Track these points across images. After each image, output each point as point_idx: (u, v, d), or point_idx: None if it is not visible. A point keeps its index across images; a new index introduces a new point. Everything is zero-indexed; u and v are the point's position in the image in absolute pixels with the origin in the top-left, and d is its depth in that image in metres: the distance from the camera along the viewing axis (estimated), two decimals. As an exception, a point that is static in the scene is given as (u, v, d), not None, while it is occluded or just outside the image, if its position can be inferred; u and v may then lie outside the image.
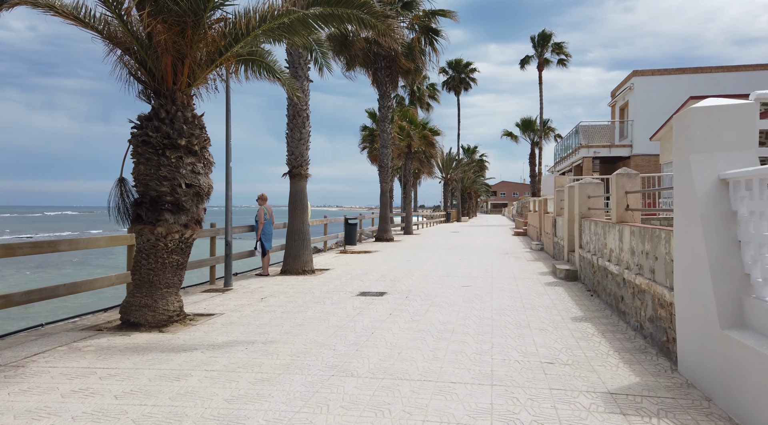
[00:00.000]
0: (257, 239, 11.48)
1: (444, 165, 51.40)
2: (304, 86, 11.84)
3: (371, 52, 22.32)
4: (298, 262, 11.77)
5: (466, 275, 11.43)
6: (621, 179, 7.56)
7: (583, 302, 8.35)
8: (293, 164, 11.91)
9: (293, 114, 11.83)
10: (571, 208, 11.85)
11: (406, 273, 11.82)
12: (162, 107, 6.61)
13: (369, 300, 8.50)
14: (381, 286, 9.97)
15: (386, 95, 22.59)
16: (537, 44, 45.74)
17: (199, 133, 6.82)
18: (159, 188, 6.48)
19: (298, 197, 11.97)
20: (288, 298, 8.71)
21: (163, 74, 6.60)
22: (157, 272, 6.58)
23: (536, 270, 12.38)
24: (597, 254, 8.85)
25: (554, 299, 8.55)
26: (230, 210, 9.81)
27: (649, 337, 5.85)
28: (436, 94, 49.14)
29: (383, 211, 22.95)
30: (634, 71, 26.36)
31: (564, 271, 10.80)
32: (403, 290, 9.53)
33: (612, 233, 7.70)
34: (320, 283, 10.39)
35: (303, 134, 11.88)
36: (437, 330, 6.43)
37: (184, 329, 6.52)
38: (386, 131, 22.78)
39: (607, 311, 7.54)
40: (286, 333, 6.27)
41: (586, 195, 10.49)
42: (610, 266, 7.62)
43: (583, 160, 27.51)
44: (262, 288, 9.74)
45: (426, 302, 8.28)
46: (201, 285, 10.26)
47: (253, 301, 8.46)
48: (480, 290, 9.43)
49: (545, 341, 5.92)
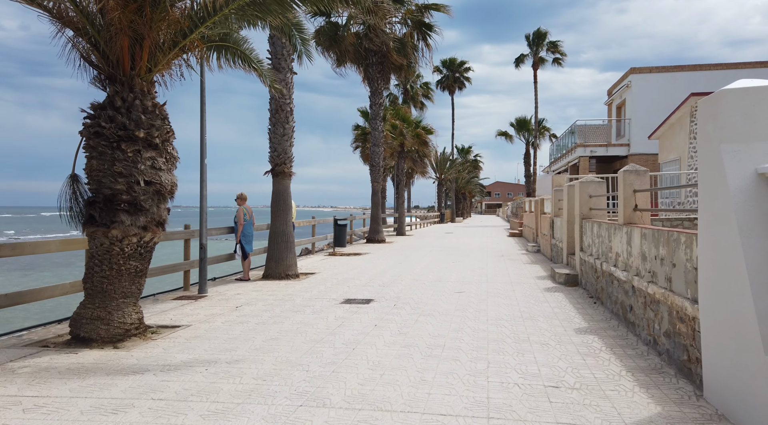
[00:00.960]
0: (237, 241, 10.76)
1: (438, 165, 50.75)
2: (287, 79, 11.13)
3: (362, 48, 21.62)
4: (281, 266, 11.04)
5: (459, 280, 10.75)
6: (629, 176, 6.89)
7: (586, 310, 7.68)
8: (276, 162, 11.19)
9: (275, 108, 11.11)
10: (570, 208, 11.20)
11: (396, 278, 11.12)
12: (117, 95, 5.88)
13: (354, 309, 7.79)
14: (368, 292, 9.27)
15: (378, 92, 21.90)
16: (532, 43, 45.19)
17: (161, 124, 6.09)
18: (113, 185, 5.75)
19: (281, 197, 11.25)
20: (265, 306, 7.99)
21: (118, 58, 5.87)
22: (112, 280, 5.85)
23: (534, 274, 11.71)
24: (601, 258, 8.19)
25: (555, 307, 7.88)
26: (205, 211, 9.08)
27: (665, 354, 5.18)
28: (429, 93, 48.57)
29: (374, 211, 22.25)
30: (631, 69, 25.80)
31: (564, 275, 10.14)
32: (391, 296, 8.84)
33: (618, 236, 7.04)
34: (303, 289, 9.67)
35: (286, 129, 11.16)
36: (426, 345, 5.73)
37: (142, 344, 5.79)
38: (378, 129, 22.08)
39: (613, 322, 6.87)
40: (256, 350, 5.55)
41: (587, 195, 9.83)
42: (617, 271, 6.96)
43: (579, 159, 26.91)
44: (239, 295, 9.01)
45: (415, 311, 7.58)
46: (174, 292, 9.52)
47: (226, 310, 7.73)
48: (474, 297, 8.75)
49: (548, 358, 5.24)
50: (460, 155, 69.98)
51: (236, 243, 10.76)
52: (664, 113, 23.56)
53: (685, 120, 18.66)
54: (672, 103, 23.57)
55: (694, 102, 17.69)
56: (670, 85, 25.01)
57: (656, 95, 25.14)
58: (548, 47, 44.83)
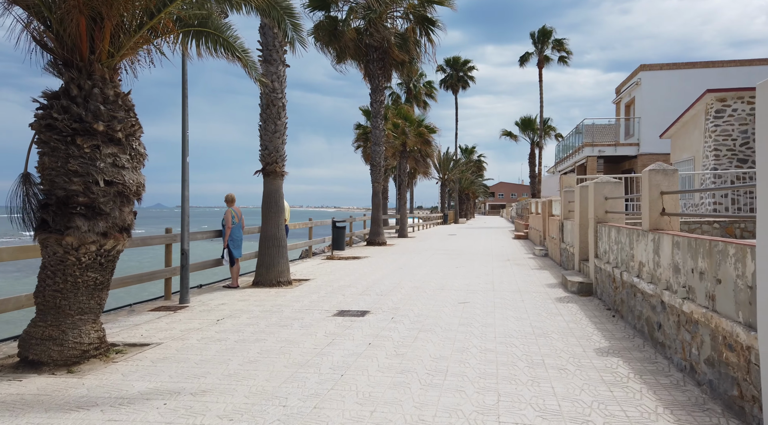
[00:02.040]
0: (224, 245, 10.02)
1: (441, 165, 49.96)
2: (280, 72, 10.39)
3: (362, 44, 20.89)
4: (272, 272, 10.30)
5: (463, 288, 9.98)
6: (655, 176, 6.12)
7: (604, 325, 6.91)
8: (267, 160, 10.45)
9: (266, 103, 10.37)
10: (583, 211, 10.42)
11: (396, 285, 10.37)
12: (73, 82, 5.14)
13: (347, 323, 7.04)
14: (364, 302, 8.52)
15: (379, 89, 21.14)
16: (537, 41, 44.35)
17: (125, 116, 5.35)
18: (68, 186, 5.02)
19: (272, 198, 10.51)
20: (250, 319, 7.24)
21: (75, 40, 5.13)
22: (67, 294, 5.11)
23: (543, 281, 10.94)
24: (620, 266, 7.41)
25: (569, 321, 7.11)
26: (187, 213, 8.35)
27: (706, 385, 4.40)
28: (433, 92, 47.77)
29: (375, 213, 21.50)
30: (641, 66, 24.98)
31: (576, 284, 9.36)
32: (389, 307, 8.08)
33: (643, 243, 6.26)
34: (294, 298, 8.92)
35: (278, 126, 10.42)
36: (426, 371, 4.97)
37: (100, 368, 5.05)
38: (378, 128, 21.33)
39: (637, 340, 6.10)
40: (229, 376, 4.80)
41: (602, 196, 9.06)
42: (641, 283, 6.18)
43: (587, 159, 26.10)
44: (223, 306, 8.27)
45: (415, 326, 6.82)
46: (153, 301, 8.78)
47: (205, 324, 6.99)
48: (480, 309, 7.99)
49: (568, 389, 4.48)
50: (463, 155, 69.21)
51: (223, 248, 10.03)
52: (676, 112, 22.73)
53: (699, 118, 17.84)
54: (684, 101, 22.73)
55: (709, 99, 16.89)
56: (682, 82, 24.18)
57: (667, 93, 24.32)
58: (554, 45, 43.99)
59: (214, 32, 7.05)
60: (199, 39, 7.05)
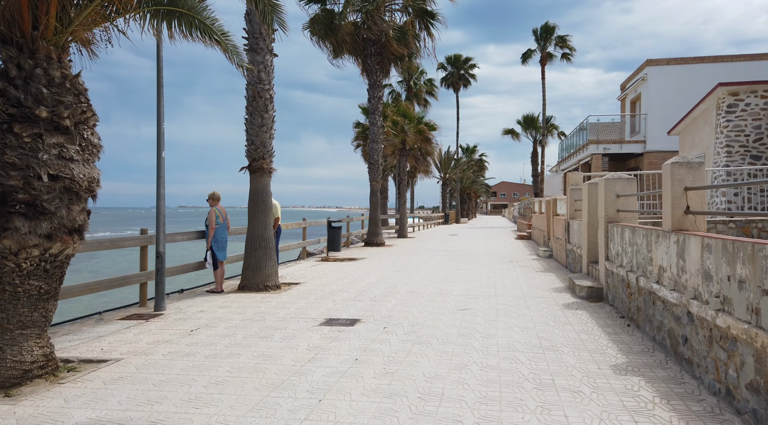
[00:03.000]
0: (207, 247, 9.35)
1: (442, 164, 49.27)
2: (267, 61, 9.72)
3: (360, 38, 20.22)
4: (259, 276, 9.62)
5: (463, 293, 9.30)
6: (679, 170, 5.43)
7: (619, 336, 6.22)
8: (253, 156, 9.77)
9: (252, 95, 9.70)
10: (592, 210, 9.73)
11: (391, 289, 9.69)
12: (12, 61, 4.47)
13: (333, 334, 6.36)
14: (356, 309, 7.84)
15: (377, 85, 20.46)
16: (540, 38, 43.64)
17: (74, 101, 4.68)
18: (4, 180, 4.34)
19: (259, 197, 9.83)
20: (228, 330, 6.57)
21: (14, 13, 4.46)
22: (5, 306, 4.45)
23: (548, 285, 10.25)
24: (636, 270, 6.72)
25: (580, 332, 6.42)
26: (162, 213, 7.68)
27: (749, 414, 3.72)
28: (433, 90, 47.10)
29: (373, 212, 20.81)
30: (647, 61, 24.25)
31: (585, 289, 8.67)
32: (382, 315, 7.40)
33: (664, 246, 5.57)
34: (280, 304, 8.25)
35: (265, 119, 9.74)
36: (418, 394, 4.29)
37: (42, 391, 4.38)
38: (376, 124, 20.64)
39: (658, 355, 5.41)
40: (189, 402, 4.13)
41: (613, 194, 8.36)
42: (662, 291, 5.50)
43: (591, 157, 25.39)
44: (202, 313, 7.60)
45: (409, 337, 6.14)
46: (126, 309, 8.10)
47: (177, 335, 6.32)
48: (481, 317, 7.30)
49: (584, 419, 3.79)
50: (465, 154, 68.50)
51: (207, 250, 9.36)
52: (683, 108, 22.02)
53: (710, 113, 17.13)
54: (692, 97, 22.01)
55: (721, 93, 16.18)
56: (690, 77, 23.46)
57: (674, 89, 23.60)
58: (557, 42, 43.27)
59: (188, 12, 6.37)
60: (171, 20, 6.38)
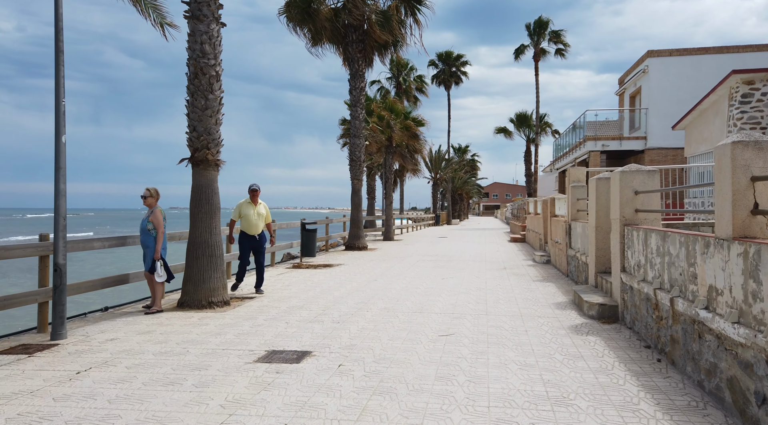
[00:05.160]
0: (157, 256, 7.60)
1: (433, 164, 47.74)
2: (212, 31, 8.08)
3: (340, 24, 18.62)
4: (202, 290, 7.97)
5: (448, 310, 7.70)
6: (742, 151, 3.84)
7: (650, 378, 4.64)
8: (195, 145, 8.12)
9: (195, 71, 8.05)
10: (601, 210, 8.17)
11: (362, 305, 8.07)
12: None
13: (269, 377, 4.73)
14: (311, 336, 6.22)
15: (358, 75, 18.85)
16: (533, 32, 42.21)
17: None
18: None
19: (203, 194, 8.18)
20: (128, 370, 4.92)
21: None
22: None
23: (549, 299, 8.68)
24: (669, 289, 5.14)
25: (597, 371, 4.84)
26: (63, 214, 6.01)
27: None
28: (424, 87, 45.57)
29: (354, 214, 19.20)
30: (648, 52, 22.80)
31: (596, 306, 7.10)
32: (341, 344, 5.78)
33: (718, 259, 4.00)
34: (217, 329, 6.60)
35: (210, 100, 8.10)
36: None
37: None
38: (358, 118, 19.01)
39: (713, 413, 3.83)
40: None
41: (631, 190, 6.80)
42: (716, 321, 3.93)
43: (589, 154, 23.92)
44: (111, 342, 5.94)
45: (369, 382, 4.53)
46: (18, 336, 6.41)
47: (54, 380, 4.66)
48: (468, 346, 5.70)
49: None
50: (456, 154, 67.08)
51: (155, 259, 7.59)
52: (687, 101, 20.58)
53: (721, 104, 15.66)
54: (696, 90, 20.58)
55: (734, 82, 14.70)
56: (693, 69, 22.06)
57: (678, 81, 22.18)
58: (550, 37, 41.86)
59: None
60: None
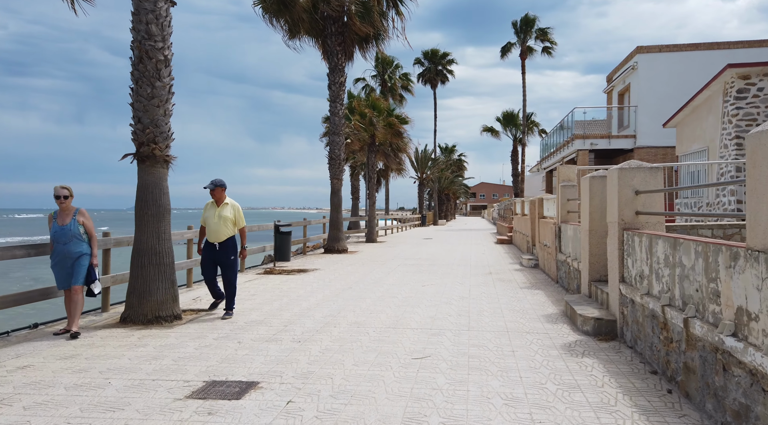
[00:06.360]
0: (95, 263, 6.61)
1: (419, 163, 46.98)
2: (159, 10, 7.14)
3: (319, 15, 17.70)
4: (148, 303, 7.03)
5: (425, 325, 6.85)
6: (786, 141, 3.03)
7: (662, 416, 3.82)
8: (141, 139, 7.17)
9: (139, 55, 7.10)
10: (596, 212, 7.38)
11: (330, 319, 7.19)
12: None
13: (198, 418, 3.84)
14: (263, 360, 5.33)
15: (338, 69, 17.95)
16: (519, 30, 41.67)
17: None
18: None
19: (150, 195, 7.24)
20: (25, 412, 3.99)
21: None
22: None
23: (538, 310, 7.87)
24: (682, 306, 4.33)
25: (598, 407, 4.01)
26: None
27: None
28: (409, 85, 44.81)
29: (334, 215, 18.29)
30: (638, 48, 22.20)
31: (591, 321, 6.29)
32: (296, 372, 4.90)
33: (751, 274, 3.19)
34: (156, 350, 5.68)
35: (157, 88, 7.16)
36: None
37: None
38: (338, 114, 18.11)
39: (751, 473, 3.01)
40: None
41: (631, 190, 6.00)
42: (749, 353, 3.13)
43: (577, 153, 23.27)
44: (21, 371, 4.97)
45: (319, 429, 3.66)
46: None
47: (-74, 427, 3.73)
48: (445, 374, 4.85)
49: None
50: (443, 154, 66.41)
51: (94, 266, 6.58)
52: (677, 98, 19.99)
53: (715, 100, 15.03)
54: (687, 87, 20.00)
55: (729, 76, 14.06)
56: (684, 66, 21.50)
57: (668, 78, 21.60)
58: (537, 35, 41.34)
59: None
60: None
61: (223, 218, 7.48)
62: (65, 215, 6.54)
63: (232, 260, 7.57)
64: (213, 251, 7.57)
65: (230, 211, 7.56)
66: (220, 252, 7.54)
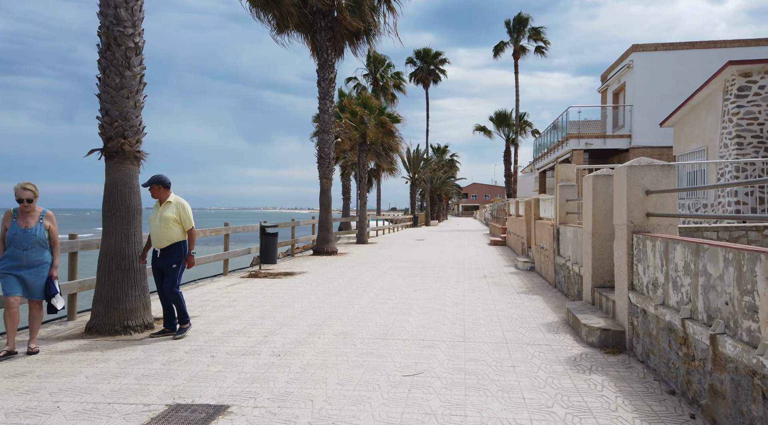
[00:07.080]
0: (56, 275, 5.91)
1: (411, 163, 46.49)
2: (129, -7, 6.56)
3: (308, 9, 17.15)
4: (116, 312, 6.45)
5: (417, 335, 6.32)
6: None
7: (690, 450, 3.32)
8: (109, 133, 6.59)
9: (107, 42, 6.53)
10: (599, 213, 6.90)
11: (314, 329, 6.65)
12: None
13: (152, 454, 3.29)
14: (237, 377, 4.78)
15: (327, 65, 17.40)
16: (512, 29, 41.29)
17: None
18: None
19: (119, 194, 6.66)
20: (-47, 445, 3.43)
21: None
22: None
23: (538, 318, 7.37)
24: (705, 320, 3.84)
25: (615, 437, 3.50)
26: None
27: None
28: (401, 84, 44.34)
29: (323, 215, 17.73)
30: (633, 46, 21.84)
31: (597, 331, 5.80)
32: (272, 393, 4.36)
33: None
34: (119, 366, 5.11)
35: (127, 78, 6.58)
36: None
37: None
38: (327, 112, 17.56)
39: None
40: None
41: (641, 190, 5.51)
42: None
43: (572, 153, 22.86)
44: (-39, 392, 4.41)
45: (293, 467, 3.12)
46: None
47: None
48: (439, 394, 4.32)
49: None
50: (435, 154, 66.02)
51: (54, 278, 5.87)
52: (673, 98, 19.65)
53: (715, 99, 14.64)
54: (683, 86, 19.67)
55: (730, 74, 13.68)
56: (680, 64, 21.16)
57: (664, 77, 21.25)
58: (530, 34, 41.00)
59: None
60: None
61: (164, 220, 6.27)
62: (29, 217, 5.76)
63: (173, 269, 6.32)
64: (154, 258, 6.48)
65: (173, 210, 6.34)
66: (161, 259, 6.36)
